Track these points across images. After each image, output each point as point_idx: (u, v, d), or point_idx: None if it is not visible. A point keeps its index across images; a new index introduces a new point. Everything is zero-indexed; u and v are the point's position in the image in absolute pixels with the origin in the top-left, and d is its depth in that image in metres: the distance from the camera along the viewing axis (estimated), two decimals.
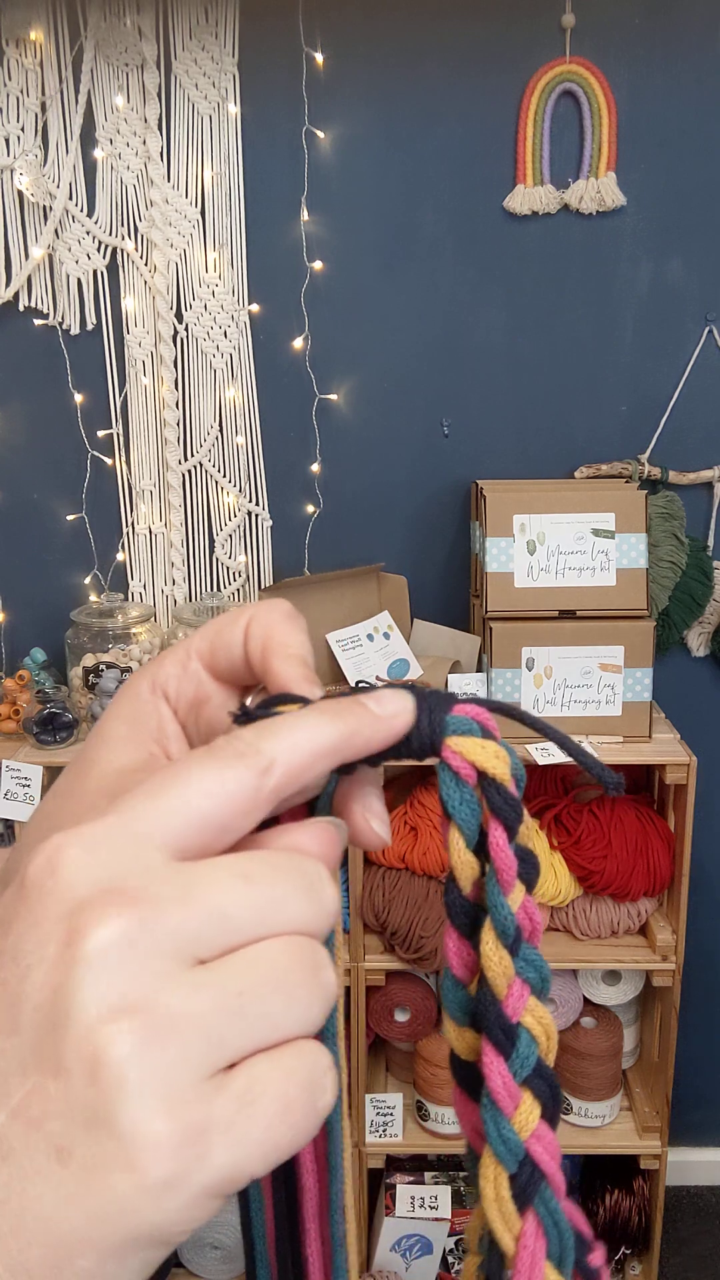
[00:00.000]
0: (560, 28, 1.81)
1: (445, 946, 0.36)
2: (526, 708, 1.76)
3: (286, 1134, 0.25)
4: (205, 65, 1.82)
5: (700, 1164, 2.37)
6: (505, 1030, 0.34)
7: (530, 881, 0.35)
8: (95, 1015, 0.24)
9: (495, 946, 0.34)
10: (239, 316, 1.93)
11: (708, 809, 2.08)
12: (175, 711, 0.35)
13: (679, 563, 1.93)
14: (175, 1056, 0.24)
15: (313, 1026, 0.27)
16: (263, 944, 0.26)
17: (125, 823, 0.27)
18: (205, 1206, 0.24)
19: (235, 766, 0.28)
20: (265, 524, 2.02)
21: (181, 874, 0.26)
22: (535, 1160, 0.34)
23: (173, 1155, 0.24)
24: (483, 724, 0.33)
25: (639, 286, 1.93)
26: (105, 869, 0.26)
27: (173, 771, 0.28)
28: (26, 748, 1.79)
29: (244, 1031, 0.25)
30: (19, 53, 1.82)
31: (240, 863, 0.27)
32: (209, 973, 0.25)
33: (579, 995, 1.93)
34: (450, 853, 0.34)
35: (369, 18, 1.83)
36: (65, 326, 1.93)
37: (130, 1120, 0.23)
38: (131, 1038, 0.24)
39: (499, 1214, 0.34)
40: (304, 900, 0.27)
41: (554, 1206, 0.34)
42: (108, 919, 0.25)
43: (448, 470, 2.01)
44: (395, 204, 1.90)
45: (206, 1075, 0.25)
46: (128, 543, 2.03)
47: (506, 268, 1.92)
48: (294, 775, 0.29)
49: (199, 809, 0.27)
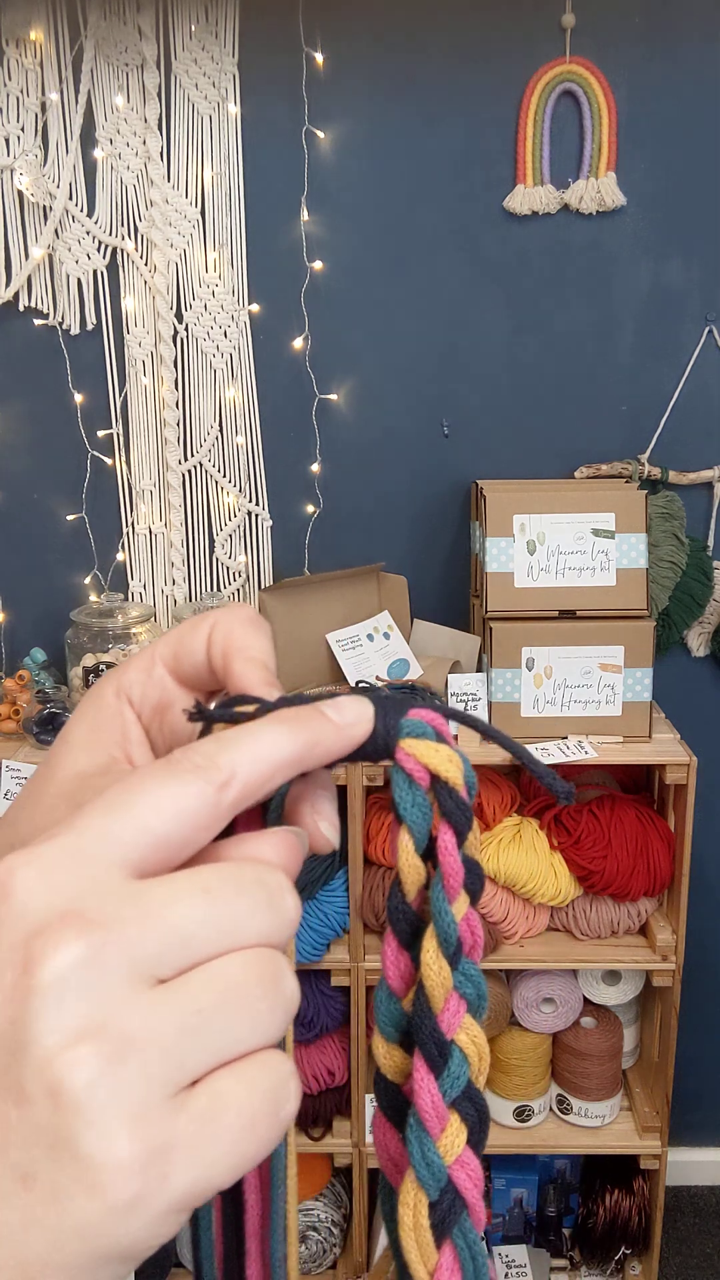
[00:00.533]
0: (560, 28, 1.81)
1: (384, 956, 0.35)
2: (526, 708, 1.75)
3: (251, 1146, 0.25)
4: (205, 65, 1.82)
5: (700, 1164, 2.37)
6: (439, 1045, 0.33)
7: (474, 894, 0.34)
8: (55, 1043, 0.24)
9: (436, 956, 0.33)
10: (239, 316, 1.93)
11: (708, 809, 2.08)
12: (139, 716, 0.35)
13: (679, 563, 1.93)
14: (136, 1078, 0.24)
15: (274, 1038, 0.27)
16: (223, 959, 0.26)
17: (80, 842, 0.27)
18: (170, 1223, 0.25)
19: (193, 781, 0.28)
20: (265, 524, 2.02)
21: (139, 893, 0.26)
22: (458, 1187, 0.33)
23: (137, 1176, 0.24)
24: (437, 729, 0.33)
25: (639, 286, 1.93)
26: (60, 891, 0.26)
27: (129, 786, 0.28)
28: (26, 748, 1.79)
29: (205, 1049, 0.25)
30: (19, 53, 1.82)
31: (200, 877, 0.27)
32: (168, 992, 0.25)
33: (579, 995, 1.93)
34: (399, 856, 0.34)
35: (369, 18, 1.83)
36: (65, 326, 1.93)
37: (93, 1144, 0.23)
38: (92, 1063, 0.24)
39: (415, 1244, 0.33)
40: (265, 913, 0.27)
41: (473, 1239, 0.33)
42: (64, 944, 0.24)
43: (448, 470, 2.01)
44: (395, 204, 1.90)
45: (169, 1095, 0.25)
46: (128, 543, 2.03)
47: (506, 268, 1.92)
48: (253, 789, 0.29)
49: (156, 826, 0.27)
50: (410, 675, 1.85)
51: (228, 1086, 0.25)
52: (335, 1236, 2.03)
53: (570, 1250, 2.10)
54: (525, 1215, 2.11)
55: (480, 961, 0.35)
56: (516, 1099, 1.94)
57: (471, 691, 1.78)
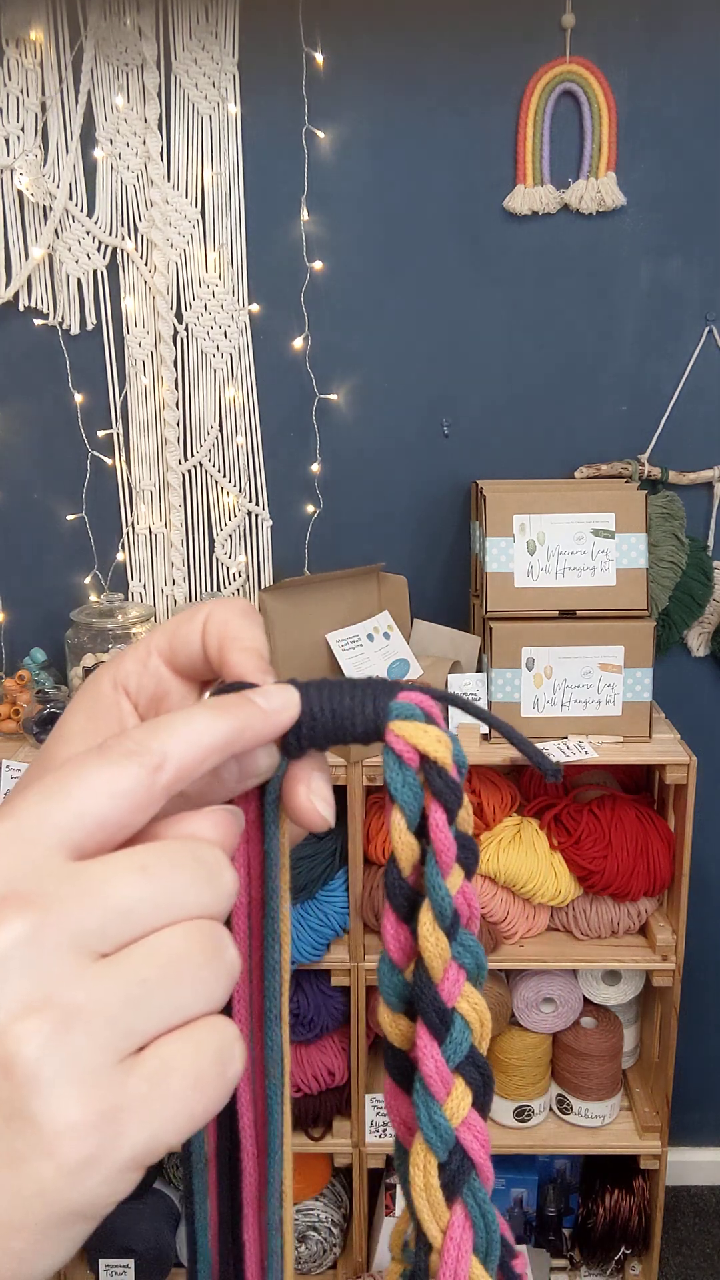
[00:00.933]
0: (560, 28, 1.81)
1: (383, 929, 0.37)
2: (526, 708, 1.76)
3: (199, 1104, 0.27)
4: (205, 65, 1.82)
5: (700, 1164, 2.37)
6: (440, 1014, 0.34)
7: (469, 867, 0.35)
8: (4, 1017, 0.25)
9: (433, 928, 0.34)
10: (239, 316, 1.93)
11: (708, 809, 2.08)
12: (136, 706, 0.36)
13: (679, 563, 1.93)
14: (84, 1047, 0.25)
15: (217, 1004, 0.28)
16: (164, 932, 0.28)
17: (20, 827, 0.28)
18: (126, 1179, 0.26)
19: (126, 765, 0.29)
20: (265, 524, 2.02)
21: (79, 873, 0.27)
22: (465, 1148, 0.34)
23: (89, 1136, 0.25)
24: (426, 710, 0.34)
25: (639, 286, 1.93)
26: (1, 875, 0.27)
27: (66, 773, 0.29)
28: (26, 748, 1.79)
29: (149, 1016, 0.27)
30: (19, 53, 1.82)
31: (137, 856, 0.28)
32: (111, 965, 0.27)
33: (579, 995, 1.93)
34: (392, 834, 0.35)
35: (369, 18, 1.83)
36: (65, 326, 1.93)
37: (46, 1110, 0.25)
38: (41, 1034, 0.25)
39: (427, 1204, 0.34)
40: (202, 886, 0.29)
41: (482, 1197, 0.34)
42: (6, 923, 0.26)
43: (448, 470, 2.01)
44: (395, 204, 1.90)
45: (117, 1060, 0.26)
46: (128, 543, 2.03)
47: (506, 268, 1.92)
48: (186, 771, 0.30)
49: (92, 809, 0.28)
50: (410, 675, 1.85)
51: (174, 1050, 0.27)
52: (335, 1236, 2.03)
53: (570, 1250, 2.10)
54: (525, 1215, 2.11)
55: (477, 933, 0.36)
56: (516, 1099, 1.94)
57: (471, 691, 1.78)
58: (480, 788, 1.86)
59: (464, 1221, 0.34)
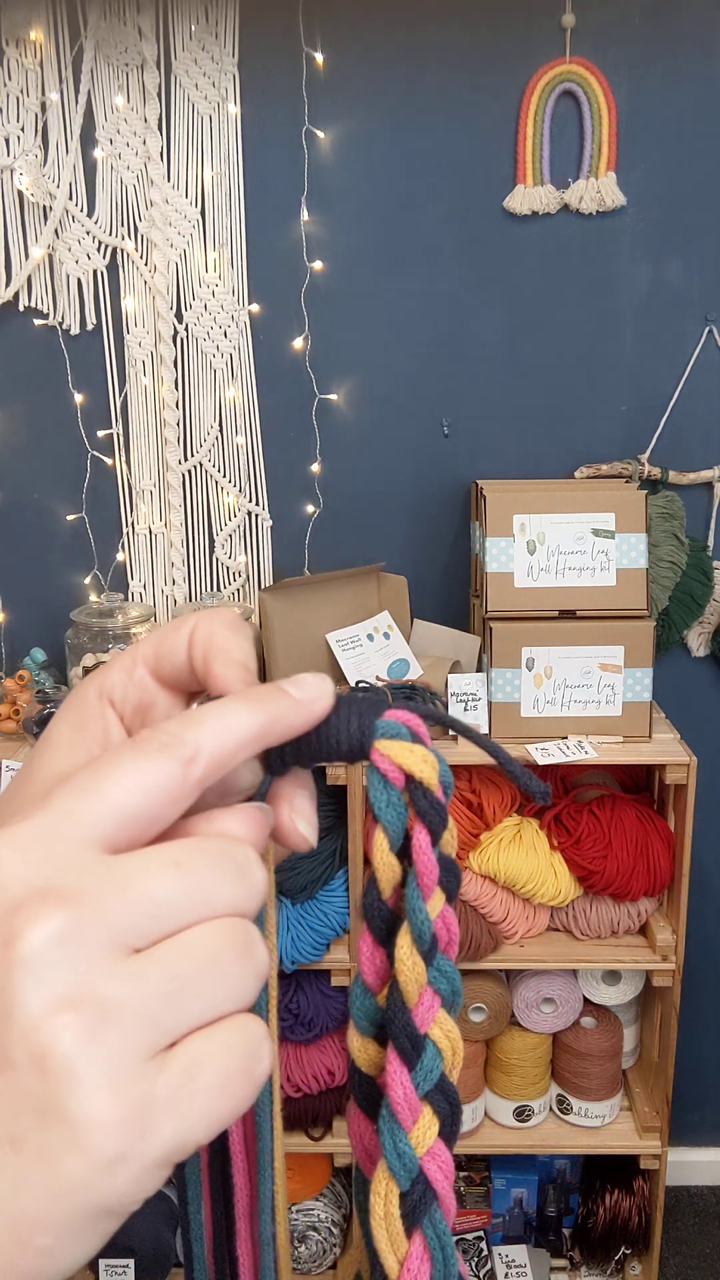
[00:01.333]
0: (560, 28, 1.81)
1: (358, 951, 0.36)
2: (526, 708, 1.76)
3: (228, 1102, 0.27)
4: (205, 65, 1.82)
5: (700, 1164, 2.37)
6: (412, 1039, 0.34)
7: (451, 891, 0.35)
8: (38, 1011, 0.25)
9: (410, 952, 0.33)
10: (239, 316, 1.93)
11: (708, 809, 2.08)
12: (121, 717, 0.36)
13: (679, 563, 1.93)
14: (117, 1042, 0.25)
15: (247, 1001, 0.28)
16: (197, 929, 0.28)
17: (54, 822, 0.28)
18: (154, 1176, 0.26)
19: (160, 758, 0.29)
20: (265, 524, 2.02)
21: (113, 868, 0.27)
22: (429, 1178, 0.33)
23: (120, 1133, 0.25)
24: (413, 729, 0.34)
25: (639, 286, 1.93)
26: (37, 869, 0.27)
27: (99, 766, 0.29)
28: (26, 748, 1.79)
29: (181, 1013, 0.27)
30: (19, 53, 1.82)
31: (170, 852, 0.28)
32: (145, 961, 0.27)
33: (579, 995, 1.93)
34: (374, 855, 0.34)
35: (369, 18, 1.83)
36: (65, 326, 1.93)
37: (78, 1105, 0.25)
38: (74, 1029, 0.25)
39: (385, 1233, 0.33)
40: (234, 883, 0.29)
41: (443, 1229, 0.34)
42: (43, 918, 0.26)
43: (448, 470, 2.01)
44: (395, 204, 1.90)
45: (148, 1056, 0.26)
46: (128, 543, 2.03)
47: (506, 268, 1.92)
48: (219, 763, 0.30)
49: (126, 803, 0.28)
50: (410, 675, 1.85)
51: (204, 1047, 0.27)
52: (335, 1236, 2.03)
53: (570, 1250, 2.10)
54: (525, 1215, 2.11)
55: (457, 959, 0.35)
56: (516, 1099, 1.94)
57: (471, 691, 1.78)
58: (480, 788, 1.86)
59: (422, 1253, 0.33)
